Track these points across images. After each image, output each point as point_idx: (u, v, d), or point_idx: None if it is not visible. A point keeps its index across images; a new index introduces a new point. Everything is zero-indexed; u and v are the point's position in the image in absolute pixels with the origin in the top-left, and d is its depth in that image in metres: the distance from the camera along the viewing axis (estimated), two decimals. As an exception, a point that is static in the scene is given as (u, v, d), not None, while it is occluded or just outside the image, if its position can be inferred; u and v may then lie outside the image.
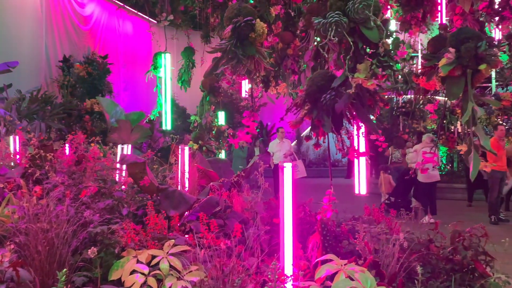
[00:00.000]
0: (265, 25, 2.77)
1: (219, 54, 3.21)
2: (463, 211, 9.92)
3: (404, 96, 11.52)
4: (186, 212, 3.95)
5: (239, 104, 14.88)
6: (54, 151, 5.13)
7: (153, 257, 2.90)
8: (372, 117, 3.24)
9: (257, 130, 15.50)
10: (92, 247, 2.64)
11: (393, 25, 5.78)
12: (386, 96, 10.74)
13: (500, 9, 7.63)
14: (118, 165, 5.12)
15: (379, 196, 10.04)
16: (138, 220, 3.85)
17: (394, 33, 5.96)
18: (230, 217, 3.78)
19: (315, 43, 3.77)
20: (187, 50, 6.47)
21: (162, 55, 6.37)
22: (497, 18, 8.07)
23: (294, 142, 17.46)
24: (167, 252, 2.87)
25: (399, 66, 11.31)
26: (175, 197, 3.75)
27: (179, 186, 4.52)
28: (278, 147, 9.60)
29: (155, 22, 6.41)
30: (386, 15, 6.44)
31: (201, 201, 3.85)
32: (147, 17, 12.08)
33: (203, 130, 6.29)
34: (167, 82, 5.90)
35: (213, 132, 6.60)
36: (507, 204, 9.66)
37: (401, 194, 9.20)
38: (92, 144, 5.34)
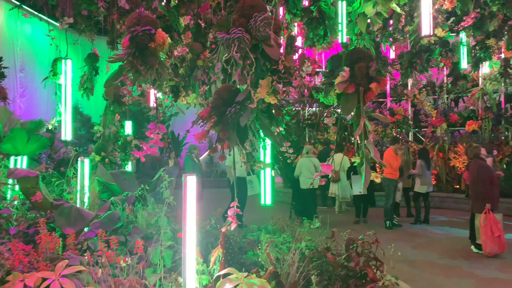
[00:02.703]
0: (167, 35, 2.71)
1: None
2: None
3: (309, 108, 12.07)
4: (86, 229, 3.72)
5: (149, 114, 14.43)
6: None
7: (44, 279, 2.66)
8: (281, 128, 3.32)
9: (168, 139, 15.13)
10: (-32, 273, 2.35)
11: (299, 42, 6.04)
12: (294, 109, 11.17)
13: (392, 31, 8.41)
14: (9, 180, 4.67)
15: (288, 205, 10.37)
16: (29, 240, 3.54)
17: (300, 49, 6.24)
18: (132, 233, 3.64)
19: (225, 55, 3.80)
20: (90, 56, 6.14)
21: (63, 60, 5.98)
22: (390, 39, 8.87)
23: (207, 152, 17.39)
24: (60, 274, 2.66)
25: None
26: (71, 213, 3.51)
27: (77, 201, 4.25)
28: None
29: (57, 25, 6.01)
30: (293, 32, 6.72)
31: (101, 217, 3.65)
32: (48, 20, 11.25)
33: (107, 140, 5.99)
34: (68, 89, 5.55)
35: (119, 143, 6.31)
36: (408, 211, 10.45)
37: (303, 200, 9.70)
38: (-20, 156, 4.84)
